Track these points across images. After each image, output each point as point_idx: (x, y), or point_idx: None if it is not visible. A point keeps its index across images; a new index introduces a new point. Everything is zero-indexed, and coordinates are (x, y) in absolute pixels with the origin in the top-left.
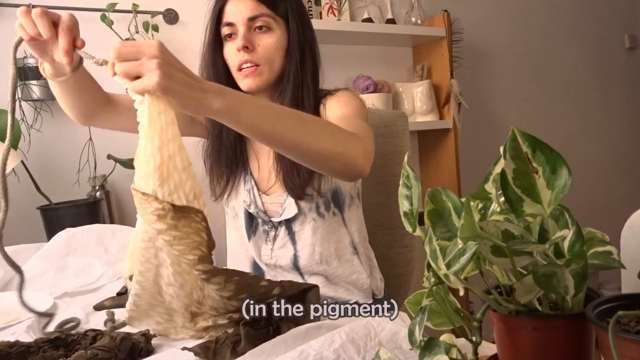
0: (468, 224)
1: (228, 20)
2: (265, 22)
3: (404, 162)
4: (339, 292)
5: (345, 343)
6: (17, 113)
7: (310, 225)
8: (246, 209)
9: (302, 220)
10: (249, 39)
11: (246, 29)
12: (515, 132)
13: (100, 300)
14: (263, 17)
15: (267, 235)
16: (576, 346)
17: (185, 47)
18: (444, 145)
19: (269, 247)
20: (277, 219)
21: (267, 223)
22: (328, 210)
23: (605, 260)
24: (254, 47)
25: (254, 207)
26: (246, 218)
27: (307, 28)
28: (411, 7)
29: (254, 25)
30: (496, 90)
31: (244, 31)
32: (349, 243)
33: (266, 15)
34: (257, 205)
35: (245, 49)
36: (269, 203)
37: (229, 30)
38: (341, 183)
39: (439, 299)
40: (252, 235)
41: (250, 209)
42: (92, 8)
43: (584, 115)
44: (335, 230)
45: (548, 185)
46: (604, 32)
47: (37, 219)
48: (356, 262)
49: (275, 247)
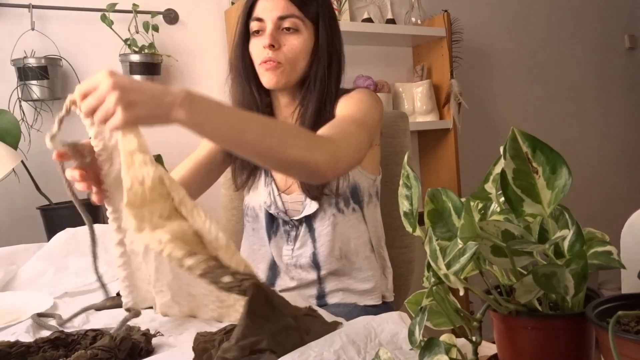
0: (468, 224)
1: (258, 16)
2: (294, 23)
3: (404, 162)
4: (350, 290)
5: (345, 344)
6: (17, 113)
7: (330, 221)
8: (267, 209)
9: (322, 217)
10: (275, 38)
11: (274, 27)
12: (515, 132)
13: (100, 300)
14: (292, 18)
15: (289, 236)
16: (576, 346)
17: (185, 47)
18: (444, 146)
19: (290, 247)
20: (297, 217)
21: (288, 223)
22: (347, 206)
23: (605, 260)
24: (280, 46)
25: (275, 208)
26: (267, 219)
27: (336, 33)
28: (411, 7)
29: (282, 24)
30: (496, 90)
31: (271, 29)
32: (368, 240)
33: (296, 16)
34: (277, 206)
35: (271, 47)
36: (289, 202)
37: (258, 26)
38: (359, 180)
39: (439, 299)
40: (273, 236)
41: (271, 210)
42: (92, 8)
43: (584, 115)
44: (355, 226)
45: (548, 185)
46: (604, 32)
47: (37, 219)
48: (373, 260)
49: (296, 246)
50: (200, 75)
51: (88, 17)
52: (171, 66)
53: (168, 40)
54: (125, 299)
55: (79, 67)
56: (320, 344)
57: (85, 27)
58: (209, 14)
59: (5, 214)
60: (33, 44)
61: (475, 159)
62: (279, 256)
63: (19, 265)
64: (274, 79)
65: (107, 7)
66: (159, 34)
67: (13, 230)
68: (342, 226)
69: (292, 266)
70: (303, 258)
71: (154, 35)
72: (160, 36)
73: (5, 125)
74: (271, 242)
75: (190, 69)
